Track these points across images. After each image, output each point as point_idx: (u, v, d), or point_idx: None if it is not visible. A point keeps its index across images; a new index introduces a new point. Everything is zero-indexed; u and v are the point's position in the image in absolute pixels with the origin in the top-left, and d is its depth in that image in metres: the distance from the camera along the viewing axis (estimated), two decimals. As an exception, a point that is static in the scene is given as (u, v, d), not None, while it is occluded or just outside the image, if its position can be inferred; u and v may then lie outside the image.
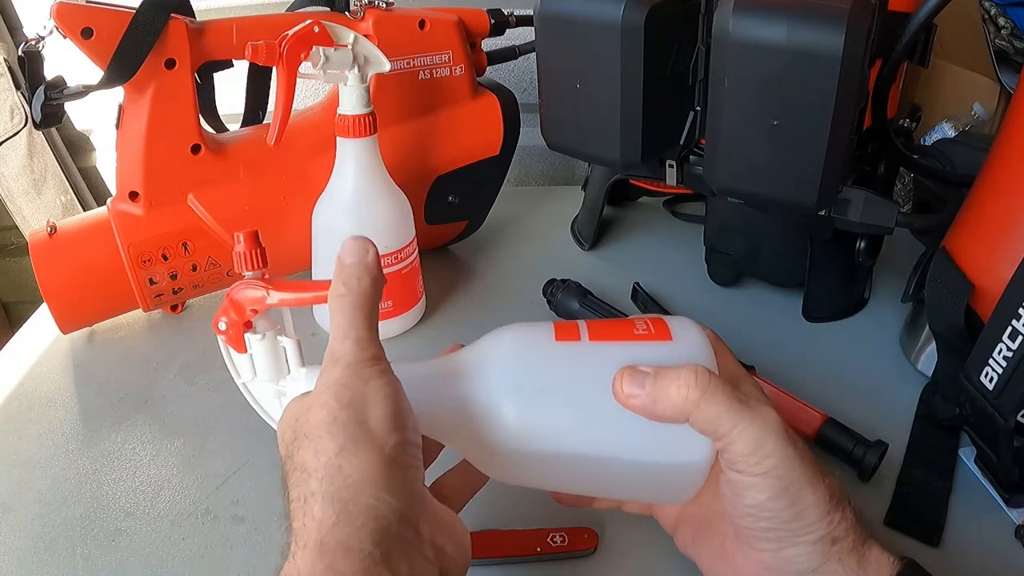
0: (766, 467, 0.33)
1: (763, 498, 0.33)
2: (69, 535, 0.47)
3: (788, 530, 0.34)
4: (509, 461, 0.37)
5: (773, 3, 0.46)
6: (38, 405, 0.58)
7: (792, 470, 0.33)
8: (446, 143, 0.71)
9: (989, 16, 0.96)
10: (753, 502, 0.34)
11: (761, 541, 0.35)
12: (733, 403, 0.34)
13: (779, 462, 0.33)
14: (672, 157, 0.60)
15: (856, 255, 0.62)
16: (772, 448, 0.33)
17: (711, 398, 0.34)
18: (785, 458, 0.33)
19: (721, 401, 0.34)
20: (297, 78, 0.55)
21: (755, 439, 0.33)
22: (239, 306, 0.39)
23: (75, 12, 0.54)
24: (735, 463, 0.34)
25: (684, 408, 0.34)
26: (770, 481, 0.33)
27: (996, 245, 0.48)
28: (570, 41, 0.53)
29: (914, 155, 0.61)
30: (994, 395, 0.44)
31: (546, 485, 0.40)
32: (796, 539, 0.34)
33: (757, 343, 0.60)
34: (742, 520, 0.35)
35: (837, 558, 0.33)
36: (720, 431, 0.34)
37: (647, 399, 0.34)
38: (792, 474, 0.33)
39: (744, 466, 0.34)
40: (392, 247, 0.61)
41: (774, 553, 0.34)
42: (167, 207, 0.62)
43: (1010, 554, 0.44)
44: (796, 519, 0.33)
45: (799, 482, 0.33)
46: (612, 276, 0.71)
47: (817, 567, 0.34)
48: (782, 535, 0.34)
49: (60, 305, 0.62)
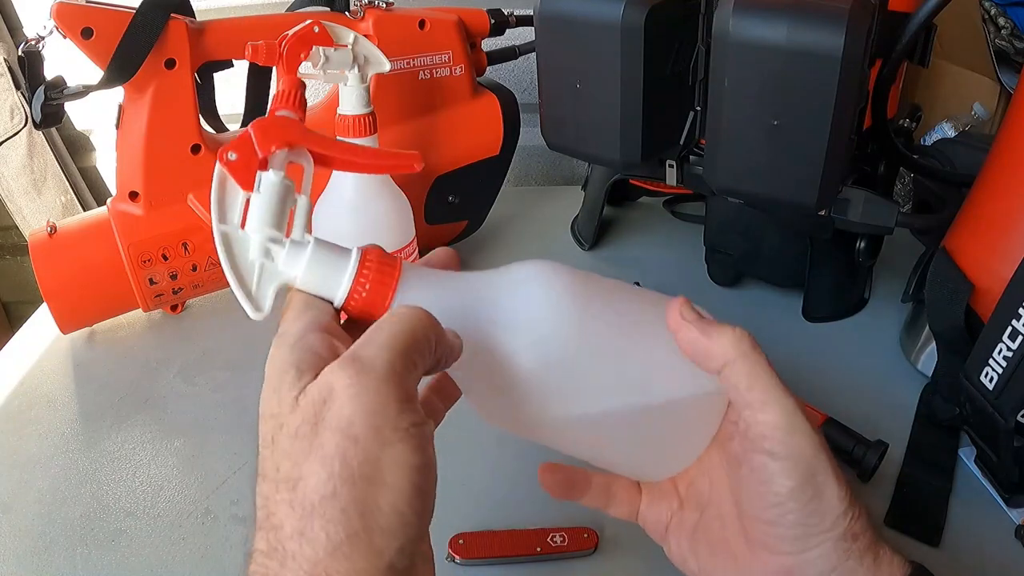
0: (795, 447, 0.32)
1: (791, 485, 0.32)
2: (69, 535, 0.47)
3: (811, 525, 0.32)
4: (531, 393, 0.33)
5: (773, 3, 0.46)
6: (38, 405, 0.58)
7: (818, 457, 0.32)
8: (446, 143, 0.71)
9: (989, 16, 0.96)
10: (780, 489, 0.32)
11: (782, 542, 0.33)
12: (773, 374, 0.33)
13: (808, 443, 0.32)
14: (672, 157, 0.60)
15: (856, 255, 0.62)
16: (802, 426, 0.32)
17: (758, 356, 0.33)
18: (812, 441, 0.32)
19: (764, 365, 0.33)
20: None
21: (788, 412, 0.32)
22: (269, 134, 0.32)
23: (75, 12, 0.54)
24: (764, 438, 0.32)
25: (730, 352, 0.32)
26: (798, 465, 0.32)
27: (996, 245, 0.48)
28: (570, 41, 0.53)
29: (914, 155, 0.61)
30: (994, 395, 0.44)
31: (555, 427, 0.36)
32: (820, 536, 0.32)
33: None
34: (765, 514, 0.33)
35: (857, 556, 0.32)
36: (754, 391, 0.32)
37: (700, 330, 0.33)
38: (818, 462, 0.32)
39: (773, 443, 0.32)
40: (392, 247, 0.60)
41: (796, 556, 0.33)
42: (167, 207, 0.62)
43: (1010, 554, 0.44)
44: (820, 513, 0.32)
45: (825, 472, 0.32)
46: (612, 276, 0.69)
47: (836, 566, 0.32)
48: (807, 531, 0.32)
49: (60, 305, 0.62)
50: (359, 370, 0.26)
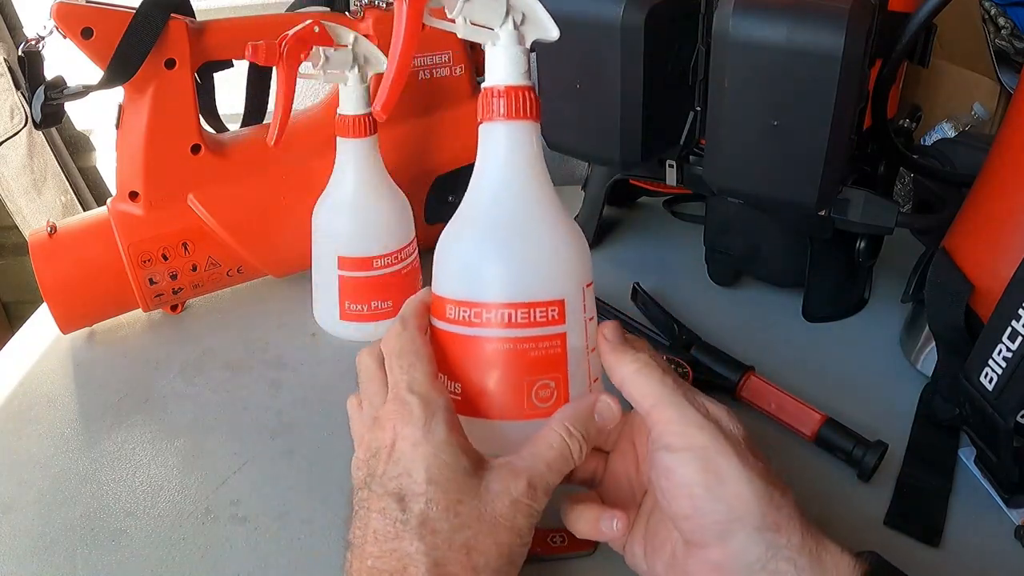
0: (689, 438, 0.35)
1: (690, 473, 0.34)
2: (69, 535, 0.47)
3: (721, 512, 0.34)
4: None
5: (773, 3, 0.46)
6: (38, 405, 0.58)
7: (717, 446, 0.34)
8: (446, 143, 0.71)
9: (989, 16, 0.96)
10: (682, 480, 0.34)
11: (704, 534, 0.35)
12: (667, 380, 0.37)
13: (701, 433, 0.35)
14: (672, 157, 0.60)
15: (856, 255, 0.62)
16: (695, 419, 0.35)
17: (651, 369, 0.37)
18: (707, 432, 0.35)
19: (657, 373, 0.37)
20: (297, 78, 0.55)
21: (678, 407, 0.35)
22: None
23: (75, 12, 0.54)
24: (661, 435, 0.35)
25: (628, 368, 0.37)
26: (695, 455, 0.34)
27: (996, 245, 0.48)
28: (570, 41, 0.53)
29: (914, 155, 0.61)
30: (994, 395, 0.44)
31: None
32: (736, 524, 0.33)
33: (757, 343, 0.60)
34: (680, 507, 0.35)
35: (786, 557, 0.33)
36: (647, 397, 0.36)
37: (609, 349, 0.38)
38: (717, 450, 0.34)
39: (669, 437, 0.35)
40: (392, 247, 0.60)
41: (721, 548, 0.34)
42: (167, 207, 0.62)
43: (1010, 554, 0.44)
44: (727, 500, 0.34)
45: (727, 458, 0.34)
46: (612, 276, 0.71)
47: (766, 562, 0.33)
48: (721, 521, 0.34)
49: (60, 305, 0.62)
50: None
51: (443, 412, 0.36)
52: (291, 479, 0.50)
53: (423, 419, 0.35)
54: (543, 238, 0.38)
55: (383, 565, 0.33)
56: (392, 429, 0.36)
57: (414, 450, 0.35)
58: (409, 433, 0.35)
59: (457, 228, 0.39)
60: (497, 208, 0.38)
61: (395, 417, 0.36)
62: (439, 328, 0.39)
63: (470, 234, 0.38)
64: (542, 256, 0.37)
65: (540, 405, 0.37)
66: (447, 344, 0.38)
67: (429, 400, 0.36)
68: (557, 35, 0.38)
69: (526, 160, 0.38)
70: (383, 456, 0.35)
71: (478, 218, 0.38)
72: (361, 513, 0.35)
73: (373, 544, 0.33)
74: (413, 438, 0.35)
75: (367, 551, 0.34)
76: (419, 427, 0.35)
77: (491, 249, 0.37)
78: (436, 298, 0.39)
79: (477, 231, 0.38)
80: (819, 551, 0.33)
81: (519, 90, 0.37)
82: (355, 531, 0.35)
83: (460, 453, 0.35)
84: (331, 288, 0.61)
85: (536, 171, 0.38)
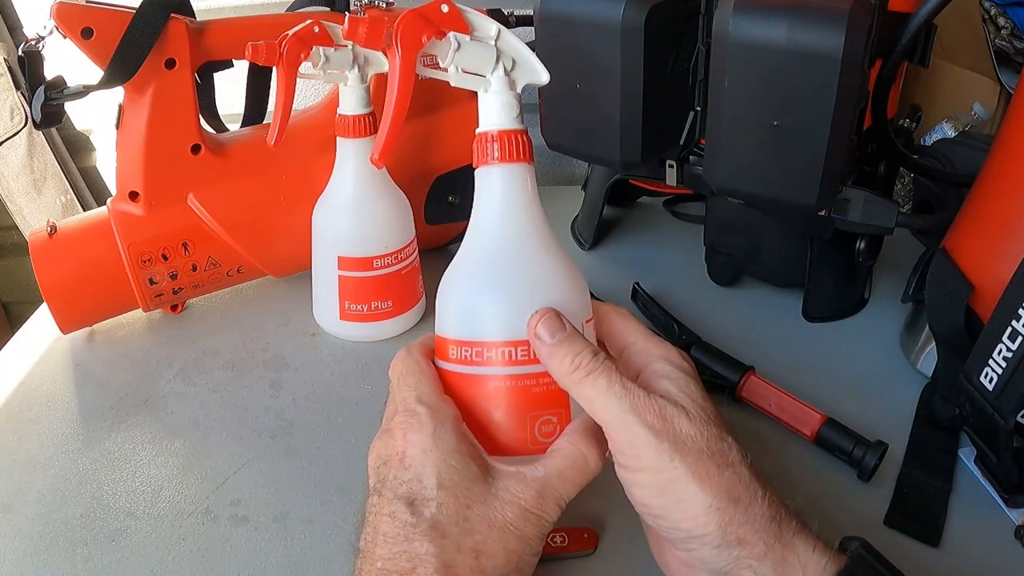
0: (644, 460, 0.34)
1: (645, 494, 0.34)
2: (69, 535, 0.47)
3: (682, 530, 0.34)
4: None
5: (773, 3, 0.46)
6: (38, 405, 0.58)
7: (673, 468, 0.33)
8: (446, 143, 0.71)
9: (989, 16, 0.96)
10: (639, 499, 0.35)
11: (671, 540, 0.35)
12: (616, 392, 0.34)
13: (655, 456, 0.33)
14: (672, 157, 0.60)
15: (856, 255, 0.62)
16: (649, 441, 0.33)
17: (596, 378, 0.35)
18: (662, 455, 0.33)
19: (603, 386, 0.35)
20: (297, 78, 0.55)
21: (628, 428, 0.34)
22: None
23: (75, 12, 0.54)
24: (617, 454, 0.35)
25: (566, 382, 0.36)
26: (649, 477, 0.34)
27: (996, 245, 0.48)
28: (570, 41, 0.53)
29: (914, 155, 0.61)
30: (994, 395, 0.44)
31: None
32: (696, 541, 0.33)
33: (757, 343, 0.60)
34: (646, 517, 0.35)
35: (747, 565, 0.33)
36: (599, 415, 0.35)
37: (547, 352, 0.36)
38: (673, 473, 0.33)
39: (624, 458, 0.34)
40: (392, 247, 0.60)
41: (688, 553, 0.34)
42: (167, 207, 0.62)
43: (1010, 554, 0.44)
44: (687, 521, 0.33)
45: (684, 481, 0.33)
46: (612, 276, 0.71)
47: (730, 571, 0.33)
48: (682, 536, 0.34)
49: (60, 305, 0.62)
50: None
51: (451, 421, 0.36)
52: (291, 479, 0.50)
53: (432, 427, 0.36)
54: (541, 276, 0.38)
55: (392, 567, 0.33)
56: (402, 437, 0.36)
57: (424, 456, 0.35)
58: (419, 440, 0.35)
59: (457, 270, 0.40)
60: (495, 248, 0.38)
61: (405, 426, 0.36)
62: (443, 368, 0.39)
63: (469, 275, 0.39)
64: (540, 294, 0.37)
65: (544, 440, 0.38)
66: (451, 384, 0.39)
67: (438, 409, 0.36)
68: (547, 79, 0.38)
69: (522, 200, 0.38)
70: (394, 463, 0.36)
71: (477, 259, 0.39)
72: (371, 519, 0.35)
73: (383, 547, 0.34)
74: (423, 445, 0.35)
75: (377, 554, 0.34)
76: (428, 435, 0.35)
77: (490, 289, 0.38)
78: (439, 339, 0.40)
79: (476, 272, 0.39)
80: (785, 554, 0.33)
81: (512, 134, 0.38)
82: (365, 537, 0.35)
83: (469, 460, 0.35)
84: (331, 288, 0.62)
85: (532, 210, 0.39)
